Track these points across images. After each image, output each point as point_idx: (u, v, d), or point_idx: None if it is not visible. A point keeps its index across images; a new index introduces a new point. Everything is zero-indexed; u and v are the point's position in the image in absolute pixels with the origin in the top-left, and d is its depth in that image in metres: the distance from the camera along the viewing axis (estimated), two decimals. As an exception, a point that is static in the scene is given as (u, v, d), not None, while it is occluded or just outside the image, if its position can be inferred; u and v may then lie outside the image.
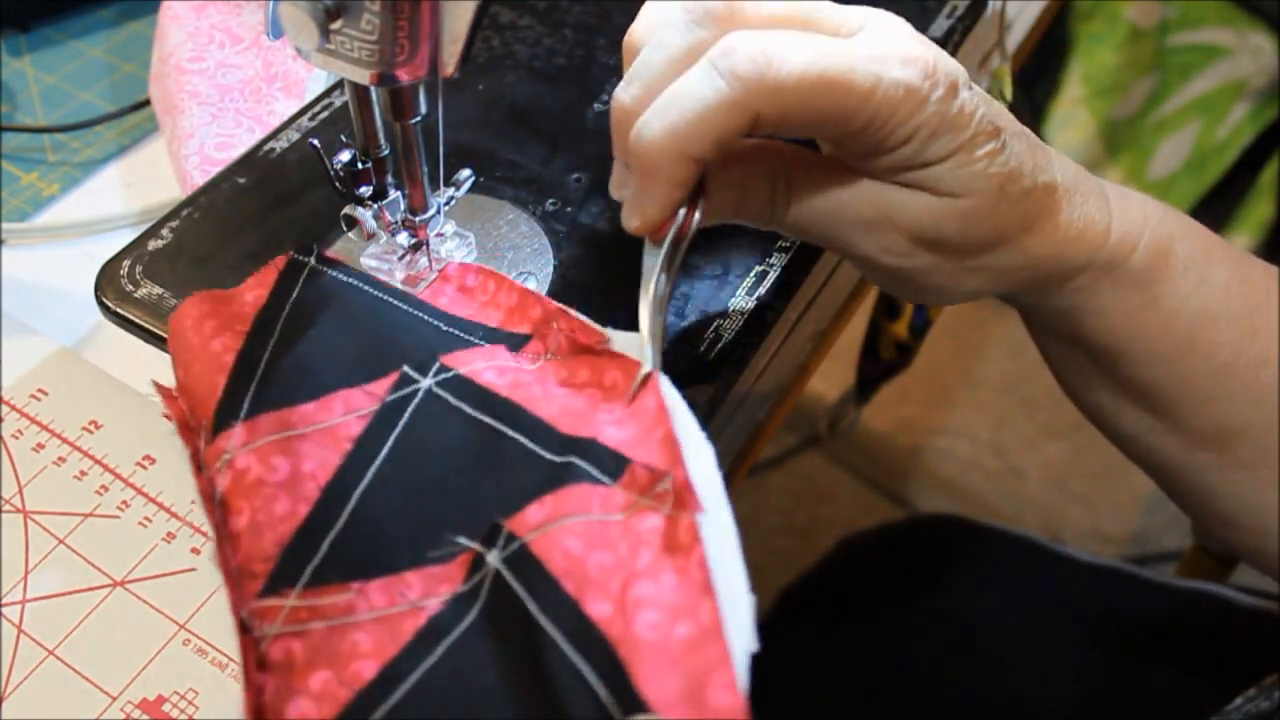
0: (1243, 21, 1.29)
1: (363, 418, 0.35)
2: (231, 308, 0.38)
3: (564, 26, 0.54)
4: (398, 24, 0.34)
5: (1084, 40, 1.34)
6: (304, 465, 0.34)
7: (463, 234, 0.44)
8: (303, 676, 0.30)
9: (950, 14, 0.54)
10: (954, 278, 0.39)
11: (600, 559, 0.31)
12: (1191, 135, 1.35)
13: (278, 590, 0.32)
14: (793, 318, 0.49)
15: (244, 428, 0.34)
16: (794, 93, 0.32)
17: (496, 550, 0.32)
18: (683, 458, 0.32)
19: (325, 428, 0.35)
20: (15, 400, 0.45)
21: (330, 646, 0.31)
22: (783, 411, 0.54)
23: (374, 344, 0.37)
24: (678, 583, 0.29)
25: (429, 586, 0.32)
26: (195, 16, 0.57)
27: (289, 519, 0.33)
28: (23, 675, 0.38)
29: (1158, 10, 1.31)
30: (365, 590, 0.32)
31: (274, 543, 0.32)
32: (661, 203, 0.35)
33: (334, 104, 0.50)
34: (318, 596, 0.32)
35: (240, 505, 0.33)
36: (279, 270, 0.39)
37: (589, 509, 0.31)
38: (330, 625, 0.31)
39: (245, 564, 0.32)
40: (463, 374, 0.36)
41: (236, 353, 0.36)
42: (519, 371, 0.37)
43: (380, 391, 0.36)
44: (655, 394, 0.34)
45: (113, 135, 0.58)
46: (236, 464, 0.34)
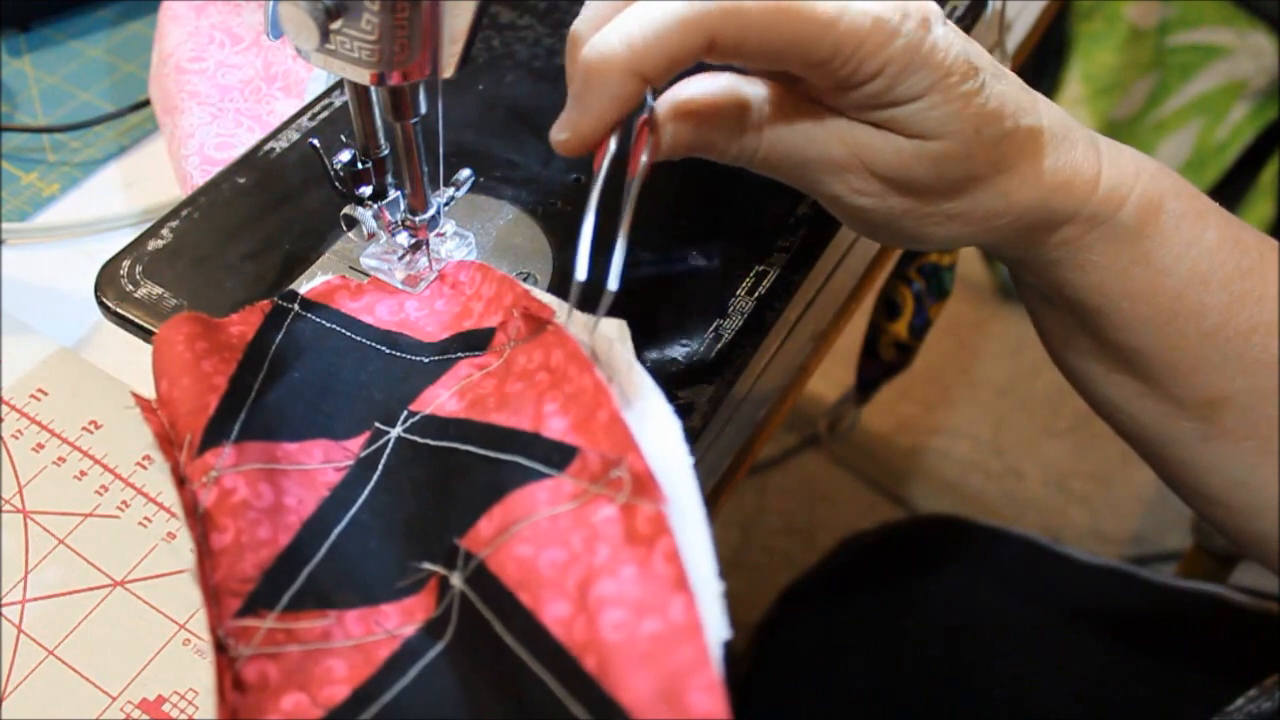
0: (1243, 21, 1.29)
1: (340, 470, 0.36)
2: (220, 336, 0.38)
3: (564, 26, 0.54)
4: (397, 24, 0.34)
5: (1084, 40, 1.34)
6: (286, 499, 0.34)
7: (463, 234, 0.44)
8: (275, 698, 0.30)
9: (950, 14, 0.54)
10: (928, 222, 0.38)
11: (552, 556, 0.30)
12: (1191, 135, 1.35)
13: (255, 611, 0.32)
14: (793, 318, 0.49)
15: (234, 449, 0.34)
16: (754, 15, 0.31)
17: (458, 571, 0.32)
18: (634, 440, 0.30)
19: (306, 470, 0.35)
20: (15, 400, 0.45)
21: (305, 671, 0.31)
22: (783, 411, 0.54)
23: (350, 401, 0.38)
24: (639, 574, 0.28)
25: (405, 617, 0.32)
26: (195, 16, 0.57)
27: (270, 545, 0.33)
28: (23, 675, 0.38)
29: (1158, 10, 1.31)
30: (343, 619, 0.32)
31: (255, 565, 0.32)
32: (597, 115, 0.33)
33: (334, 104, 0.50)
34: (295, 621, 0.32)
35: (225, 523, 0.33)
36: (264, 313, 0.39)
37: (535, 509, 0.31)
38: (306, 650, 0.31)
39: (224, 582, 0.32)
40: (427, 413, 0.37)
41: (229, 376, 0.36)
42: (480, 385, 0.37)
43: (355, 449, 0.37)
44: (590, 374, 0.33)
45: (113, 135, 0.58)
46: (224, 483, 0.33)
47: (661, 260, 0.44)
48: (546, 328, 0.36)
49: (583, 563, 0.29)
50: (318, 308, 0.40)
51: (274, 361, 0.38)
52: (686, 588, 0.28)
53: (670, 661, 0.27)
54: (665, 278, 0.43)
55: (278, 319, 0.39)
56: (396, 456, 0.36)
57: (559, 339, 0.35)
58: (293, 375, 0.38)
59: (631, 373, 0.33)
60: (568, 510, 0.31)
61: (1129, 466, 1.36)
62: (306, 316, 0.40)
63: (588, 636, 0.28)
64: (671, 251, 0.44)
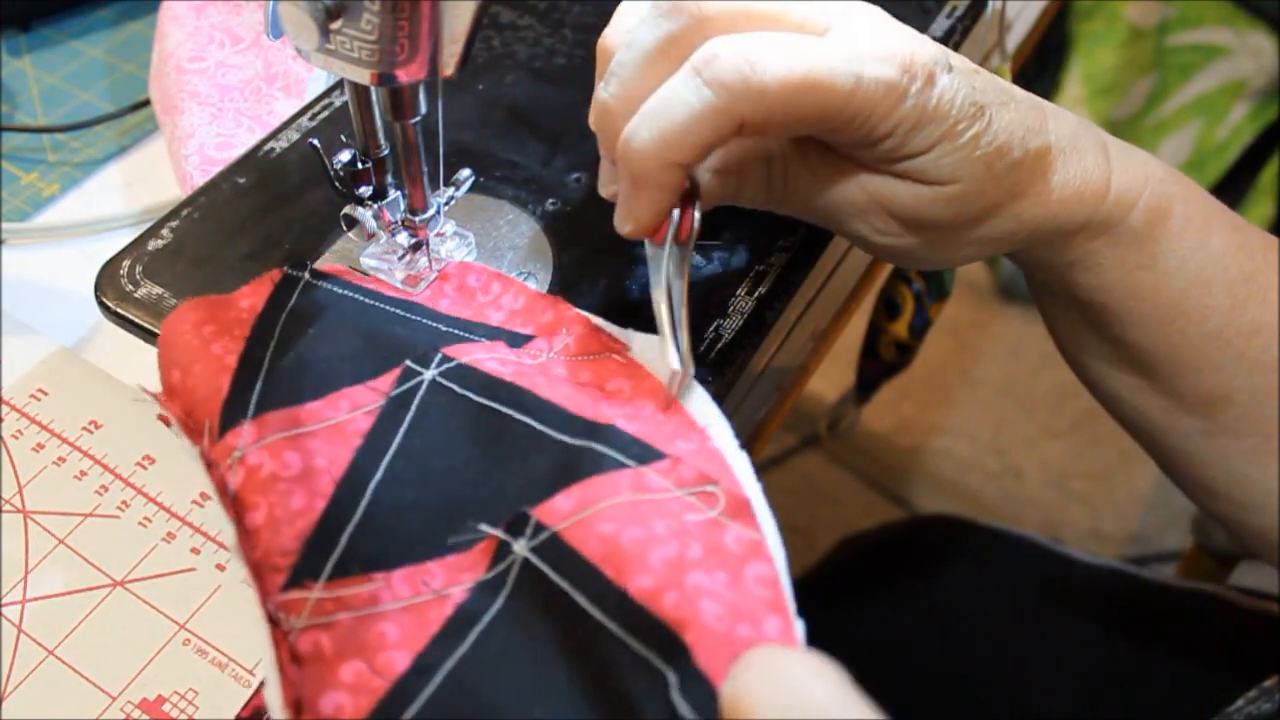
0: (1243, 21, 1.29)
1: (370, 413, 0.35)
2: (229, 313, 0.38)
3: (564, 26, 0.54)
4: (398, 24, 0.34)
5: (1084, 40, 1.34)
6: (316, 461, 0.34)
7: (463, 234, 0.44)
8: (333, 668, 0.30)
9: (950, 14, 0.54)
10: (948, 249, 0.39)
11: (633, 534, 0.30)
12: (1191, 135, 1.35)
13: (301, 583, 0.32)
14: (793, 318, 0.49)
15: (253, 425, 0.34)
16: (777, 97, 0.33)
17: (524, 539, 0.32)
18: (730, 468, 0.32)
19: (333, 424, 0.35)
20: (15, 400, 0.45)
21: (358, 637, 0.31)
22: (783, 411, 0.54)
23: (374, 342, 0.37)
24: (730, 583, 0.29)
25: (452, 575, 0.32)
26: (195, 16, 0.57)
27: (306, 513, 0.33)
28: (23, 675, 0.38)
29: (1158, 10, 1.31)
30: (389, 580, 0.32)
31: (293, 537, 0.32)
32: (652, 208, 0.35)
33: (334, 104, 0.50)
34: (342, 588, 0.32)
35: (256, 501, 0.33)
36: (273, 282, 0.39)
37: (618, 492, 0.32)
38: (356, 616, 0.31)
39: (266, 558, 0.32)
40: (465, 363, 0.36)
41: (239, 354, 0.36)
42: (520, 364, 0.37)
43: (385, 387, 0.36)
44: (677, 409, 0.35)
45: (113, 135, 0.58)
46: (248, 460, 0.33)
47: (661, 260, 0.44)
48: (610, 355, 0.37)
49: (669, 547, 0.30)
50: (328, 277, 0.40)
51: (286, 327, 0.38)
52: (784, 610, 0.29)
53: None
54: (665, 278, 0.43)
55: (288, 288, 0.39)
56: (433, 400, 0.36)
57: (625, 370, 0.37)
58: (308, 334, 0.37)
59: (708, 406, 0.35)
60: (649, 500, 0.31)
61: (1129, 466, 1.36)
62: (318, 285, 0.40)
63: (685, 615, 0.28)
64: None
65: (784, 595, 0.29)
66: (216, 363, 0.36)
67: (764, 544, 0.30)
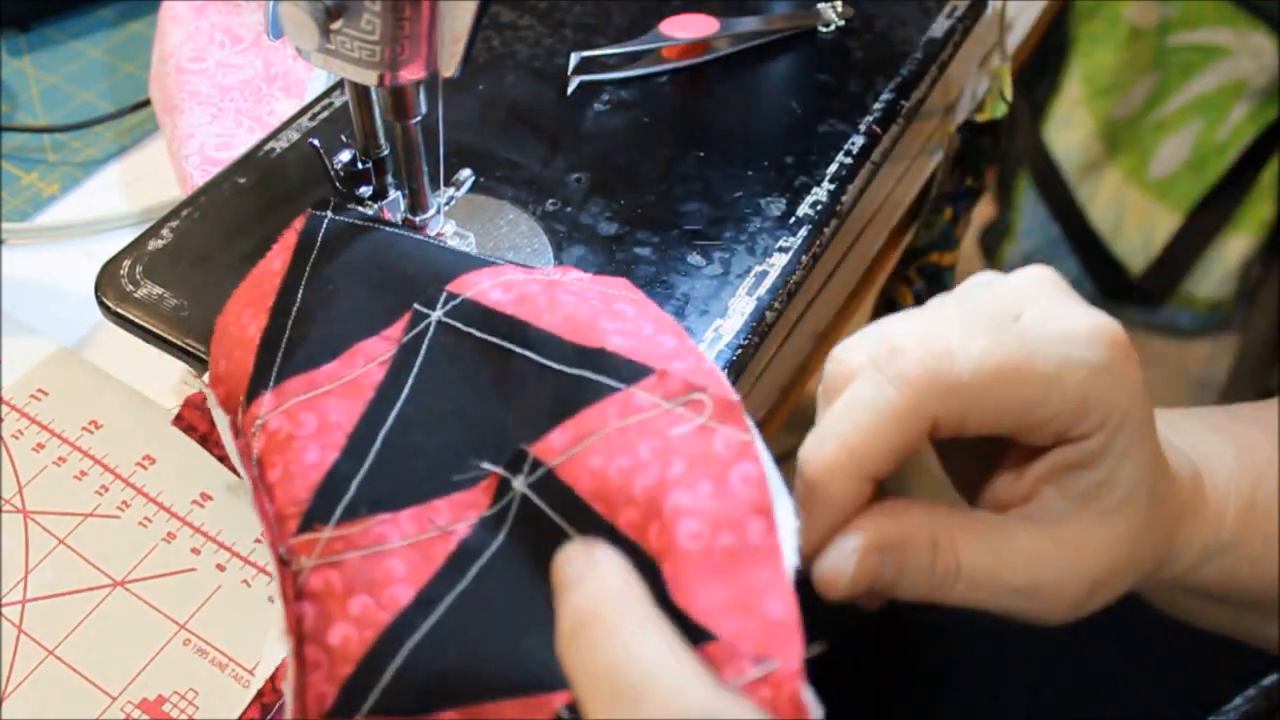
0: (1243, 21, 1.29)
1: (383, 364, 0.36)
2: (261, 286, 0.39)
3: (564, 26, 0.54)
4: (398, 24, 0.34)
5: (1084, 40, 1.34)
6: (330, 417, 0.35)
7: (463, 234, 0.44)
8: (341, 602, 0.31)
9: (950, 14, 0.54)
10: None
11: (619, 464, 0.31)
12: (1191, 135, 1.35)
13: (311, 527, 0.33)
14: (793, 318, 0.49)
15: (273, 394, 0.36)
16: (972, 390, 0.29)
17: (522, 476, 0.32)
18: (718, 375, 0.32)
19: (349, 380, 0.36)
20: (15, 400, 0.45)
21: (365, 574, 0.32)
22: (783, 411, 0.54)
23: (388, 286, 0.38)
24: (715, 491, 0.29)
25: (457, 512, 0.33)
26: (195, 16, 0.57)
27: (319, 466, 0.34)
28: (23, 675, 0.38)
29: (1158, 10, 1.31)
30: (396, 519, 0.33)
31: (305, 488, 0.33)
32: (827, 527, 0.30)
33: (334, 104, 0.50)
34: (350, 528, 0.33)
35: (274, 460, 0.34)
36: (298, 232, 0.40)
37: (607, 421, 0.32)
38: (364, 554, 0.32)
39: (281, 509, 0.33)
40: (469, 298, 0.37)
41: (263, 329, 0.38)
42: (525, 284, 0.37)
43: (396, 334, 0.37)
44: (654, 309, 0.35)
45: (113, 135, 0.58)
46: (269, 426, 0.35)
47: (662, 260, 0.44)
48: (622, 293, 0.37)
49: (651, 471, 0.30)
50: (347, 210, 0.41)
51: (307, 288, 0.38)
52: (768, 512, 0.28)
53: (745, 577, 0.27)
54: (665, 278, 0.43)
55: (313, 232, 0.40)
56: (439, 342, 0.36)
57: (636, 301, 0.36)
58: (329, 289, 0.38)
59: None
60: (636, 421, 0.31)
61: (1129, 466, 1.36)
62: (338, 223, 0.40)
63: (663, 544, 0.29)
64: (672, 251, 0.44)
65: (768, 494, 0.29)
66: (249, 344, 0.37)
67: (752, 445, 0.29)
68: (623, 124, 0.49)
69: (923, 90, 0.52)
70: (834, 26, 0.54)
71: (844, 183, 0.46)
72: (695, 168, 0.47)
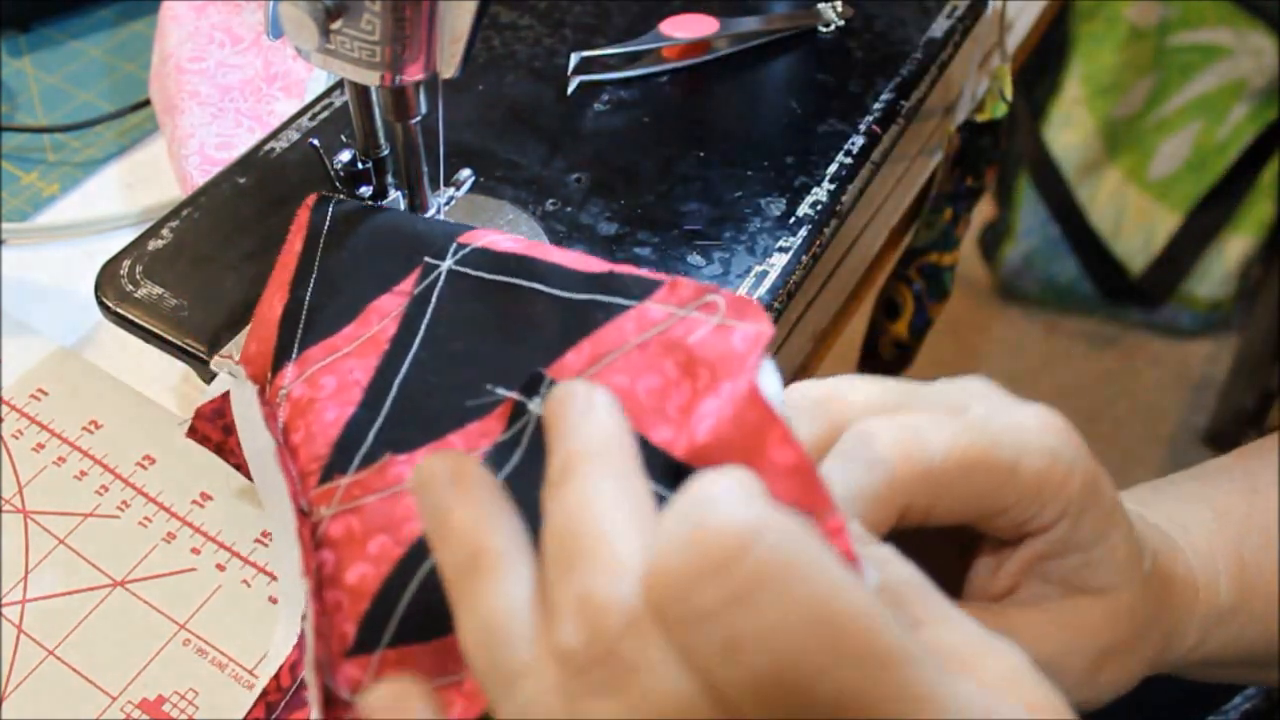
0: (1243, 21, 1.29)
1: (396, 318, 0.37)
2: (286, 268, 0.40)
3: (564, 26, 0.54)
4: (398, 24, 0.34)
5: (1084, 40, 1.34)
6: (349, 376, 0.36)
7: (463, 234, 0.44)
8: (362, 545, 0.32)
9: (950, 14, 0.54)
10: None
11: (648, 384, 0.31)
12: (1191, 135, 1.35)
13: (331, 478, 0.33)
14: (793, 318, 0.49)
15: (295, 365, 0.37)
16: (944, 475, 0.29)
17: (539, 398, 0.32)
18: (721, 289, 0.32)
19: (366, 339, 0.37)
20: (15, 400, 0.45)
21: (384, 514, 0.32)
22: (783, 411, 0.54)
23: (400, 246, 0.38)
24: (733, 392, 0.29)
25: (472, 442, 0.33)
26: (195, 16, 0.57)
27: (337, 422, 0.35)
28: (23, 675, 0.38)
29: (1158, 10, 1.31)
30: (412, 459, 0.33)
31: (325, 444, 0.34)
32: None
33: (334, 104, 0.50)
34: (367, 472, 0.33)
35: (297, 424, 0.35)
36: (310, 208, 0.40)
37: (625, 340, 0.32)
38: (382, 496, 0.32)
39: (303, 467, 0.34)
40: (479, 245, 0.37)
41: (284, 304, 0.38)
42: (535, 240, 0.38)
43: (408, 288, 0.37)
44: None
45: (113, 135, 0.58)
46: (293, 395, 0.36)
47: (662, 260, 0.44)
48: None
49: (683, 388, 0.30)
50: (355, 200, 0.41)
51: (324, 258, 0.39)
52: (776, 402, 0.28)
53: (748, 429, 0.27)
54: (665, 278, 0.43)
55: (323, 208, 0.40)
56: (450, 288, 0.37)
57: None
58: (342, 255, 0.39)
59: None
60: (657, 335, 0.31)
61: (1129, 466, 1.36)
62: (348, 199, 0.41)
63: (690, 448, 0.29)
64: (672, 251, 0.44)
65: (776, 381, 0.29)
66: (273, 321, 0.38)
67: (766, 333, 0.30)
68: (623, 124, 0.50)
69: (923, 90, 0.52)
70: (834, 26, 0.54)
71: (844, 183, 0.46)
72: (695, 168, 0.47)
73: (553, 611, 0.24)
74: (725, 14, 0.53)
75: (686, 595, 0.21)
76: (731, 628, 0.21)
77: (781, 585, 0.21)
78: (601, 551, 0.23)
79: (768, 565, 0.21)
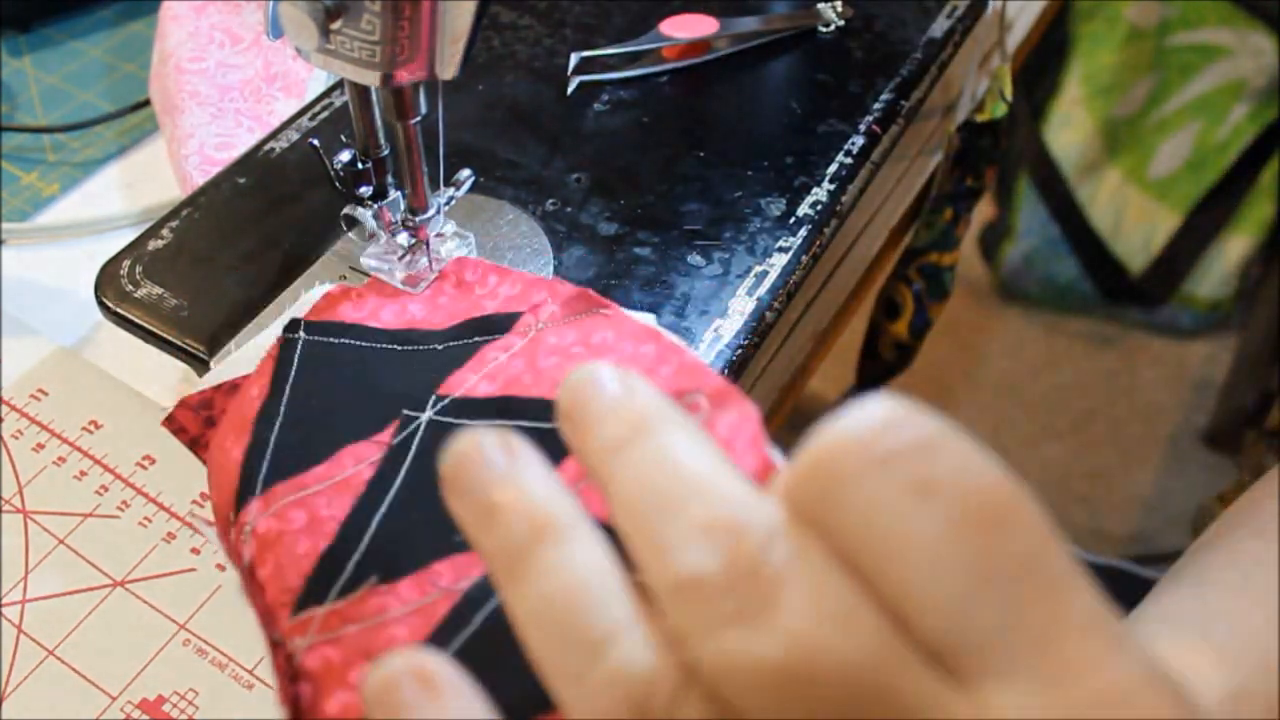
0: (1243, 21, 1.29)
1: (373, 464, 0.36)
2: (241, 413, 0.38)
3: (564, 26, 0.54)
4: (398, 24, 0.34)
5: (1084, 40, 1.34)
6: (321, 511, 0.35)
7: (463, 234, 0.44)
8: (341, 676, 0.31)
9: (950, 14, 0.54)
10: None
11: None
12: (1191, 135, 1.35)
13: (305, 608, 0.32)
14: (793, 318, 0.49)
15: (260, 500, 0.35)
16: None
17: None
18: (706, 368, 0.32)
19: (339, 480, 0.36)
20: (15, 400, 0.45)
21: (367, 644, 0.31)
22: (783, 411, 0.54)
23: (373, 399, 0.38)
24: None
25: (460, 571, 0.32)
26: (195, 16, 0.57)
27: (310, 554, 0.33)
28: (23, 675, 0.38)
29: (1158, 10, 1.31)
30: (395, 589, 0.32)
31: (298, 576, 0.33)
32: None
33: (334, 104, 0.50)
34: (346, 603, 0.32)
35: (265, 558, 0.33)
36: (274, 358, 0.39)
37: None
38: (364, 627, 0.31)
39: (273, 600, 0.33)
40: (458, 395, 0.37)
41: (245, 445, 0.37)
42: (509, 365, 0.37)
43: (385, 439, 0.37)
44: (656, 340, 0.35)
45: (113, 135, 0.58)
46: (258, 530, 0.34)
47: (662, 260, 0.44)
48: (598, 311, 0.37)
49: None
50: (321, 326, 0.40)
51: (290, 400, 0.38)
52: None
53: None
54: (665, 278, 0.43)
55: (288, 354, 0.39)
56: (431, 438, 0.36)
57: (612, 322, 0.37)
58: (310, 404, 0.38)
59: None
60: None
61: (1129, 466, 1.36)
62: (314, 339, 0.40)
63: None
64: (671, 251, 0.44)
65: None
66: (233, 463, 0.37)
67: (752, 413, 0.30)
68: (623, 124, 0.50)
69: (923, 90, 0.52)
70: (834, 26, 0.54)
71: (844, 183, 0.46)
72: (695, 168, 0.47)
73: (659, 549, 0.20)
74: (725, 14, 0.53)
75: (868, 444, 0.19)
76: (925, 469, 0.18)
77: (963, 441, 0.19)
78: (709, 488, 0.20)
79: (944, 427, 0.19)
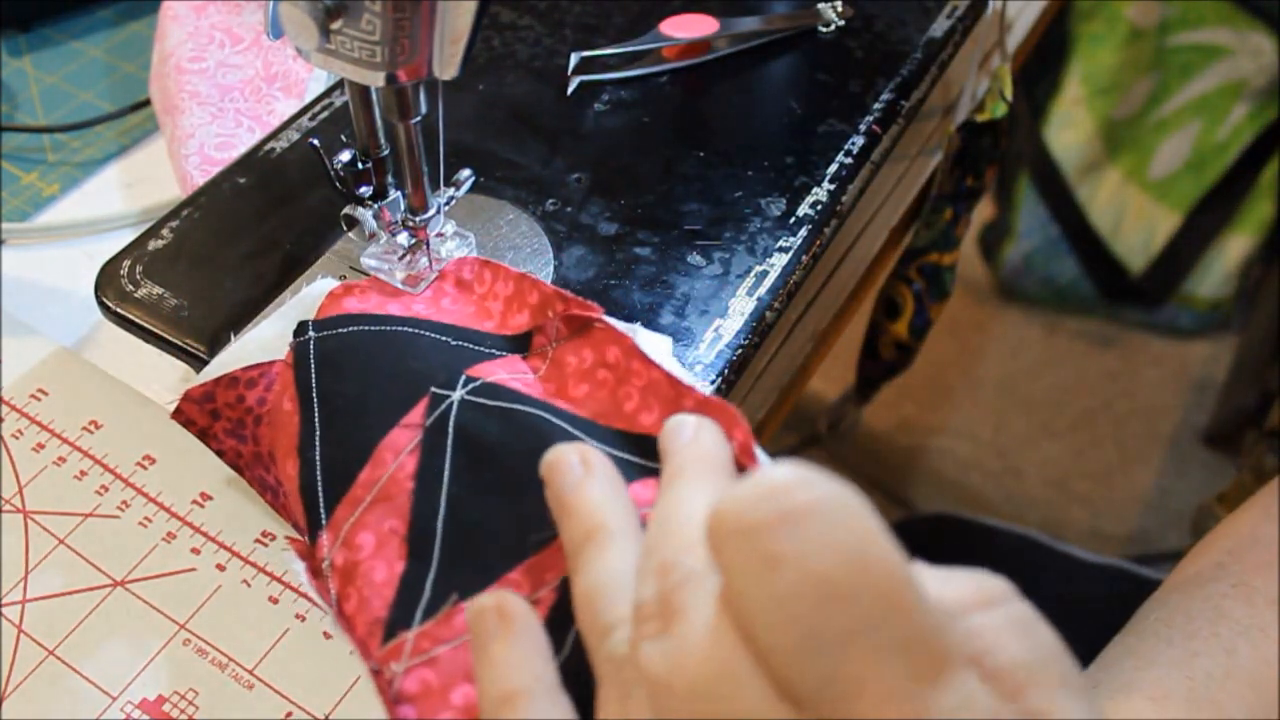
0: (1243, 21, 1.29)
1: (413, 453, 0.36)
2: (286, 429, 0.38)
3: (564, 26, 0.54)
4: (398, 24, 0.34)
5: (1084, 40, 1.34)
6: (384, 526, 0.35)
7: (463, 234, 0.44)
8: (444, 697, 0.31)
9: (950, 14, 0.54)
10: None
11: None
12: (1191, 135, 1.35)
13: (395, 634, 0.33)
14: (793, 318, 0.49)
15: (328, 531, 0.36)
16: None
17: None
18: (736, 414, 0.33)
19: (386, 480, 0.36)
20: (15, 400, 0.45)
21: (460, 664, 0.32)
22: (783, 411, 0.54)
23: (397, 380, 0.38)
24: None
25: (536, 578, 0.33)
26: (195, 16, 0.57)
27: (390, 581, 0.34)
28: (23, 675, 0.38)
29: (1158, 10, 1.31)
30: None
31: (382, 605, 0.34)
32: None
33: (334, 104, 0.50)
34: (433, 624, 0.33)
35: (348, 592, 0.34)
36: (290, 365, 0.39)
37: None
38: (453, 646, 0.32)
39: (363, 633, 0.33)
40: (490, 381, 0.37)
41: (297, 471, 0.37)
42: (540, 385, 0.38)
43: (418, 420, 0.36)
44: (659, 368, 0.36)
45: (113, 135, 0.58)
46: (336, 563, 0.35)
47: (662, 260, 0.44)
48: (593, 325, 0.38)
49: None
50: (329, 321, 0.40)
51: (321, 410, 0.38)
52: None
53: None
54: (665, 278, 0.43)
55: (304, 358, 0.39)
56: (466, 419, 0.36)
57: (611, 336, 0.37)
58: (337, 405, 0.37)
59: None
60: None
61: (1129, 466, 1.36)
62: (325, 335, 0.40)
63: None
64: (672, 251, 0.44)
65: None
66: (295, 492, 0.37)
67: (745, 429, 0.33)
68: (623, 124, 0.50)
69: (923, 90, 0.52)
70: (834, 26, 0.54)
71: (844, 183, 0.46)
72: (695, 168, 0.47)
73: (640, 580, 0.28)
74: (725, 14, 0.53)
75: (741, 513, 0.24)
76: (775, 544, 0.23)
77: (828, 517, 0.24)
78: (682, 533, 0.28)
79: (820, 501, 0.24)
